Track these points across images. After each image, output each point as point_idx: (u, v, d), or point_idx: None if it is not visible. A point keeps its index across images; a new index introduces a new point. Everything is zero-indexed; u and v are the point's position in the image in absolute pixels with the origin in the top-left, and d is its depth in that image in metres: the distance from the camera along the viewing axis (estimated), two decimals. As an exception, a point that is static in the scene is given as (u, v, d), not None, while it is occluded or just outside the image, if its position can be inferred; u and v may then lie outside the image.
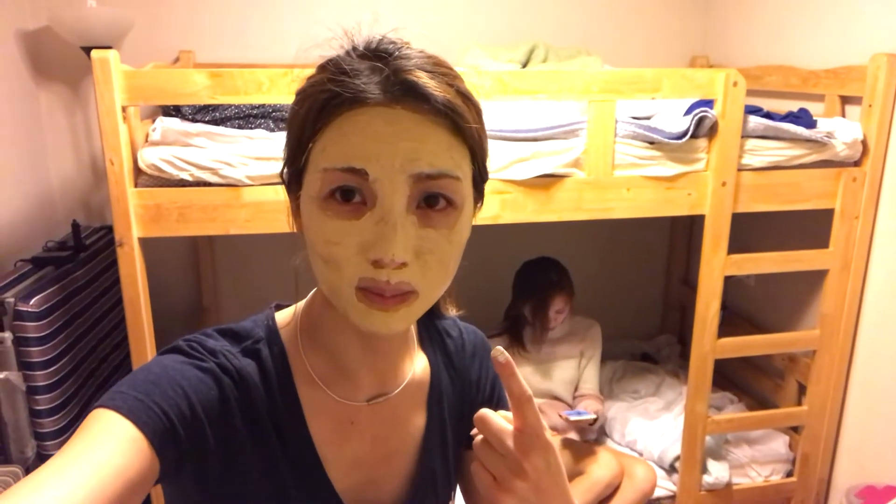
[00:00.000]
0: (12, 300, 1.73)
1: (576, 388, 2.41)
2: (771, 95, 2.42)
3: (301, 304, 0.77)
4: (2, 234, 2.10)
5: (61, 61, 2.42)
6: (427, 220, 0.61)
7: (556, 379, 2.36)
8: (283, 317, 0.76)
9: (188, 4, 2.49)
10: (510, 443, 0.60)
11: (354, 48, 0.63)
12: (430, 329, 0.84)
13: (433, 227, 0.61)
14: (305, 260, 0.67)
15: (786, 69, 2.32)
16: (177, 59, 2.48)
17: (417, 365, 0.81)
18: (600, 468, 2.09)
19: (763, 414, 2.28)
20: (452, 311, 0.87)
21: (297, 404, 0.71)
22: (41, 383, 1.78)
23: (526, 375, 2.27)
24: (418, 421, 0.80)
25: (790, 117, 2.00)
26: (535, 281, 2.30)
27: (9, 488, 0.50)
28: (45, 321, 1.77)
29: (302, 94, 0.64)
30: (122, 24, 2.26)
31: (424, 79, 0.60)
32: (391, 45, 0.63)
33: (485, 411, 0.63)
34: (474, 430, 0.64)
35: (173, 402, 0.62)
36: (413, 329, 0.82)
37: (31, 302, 1.74)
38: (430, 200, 0.61)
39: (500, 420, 0.62)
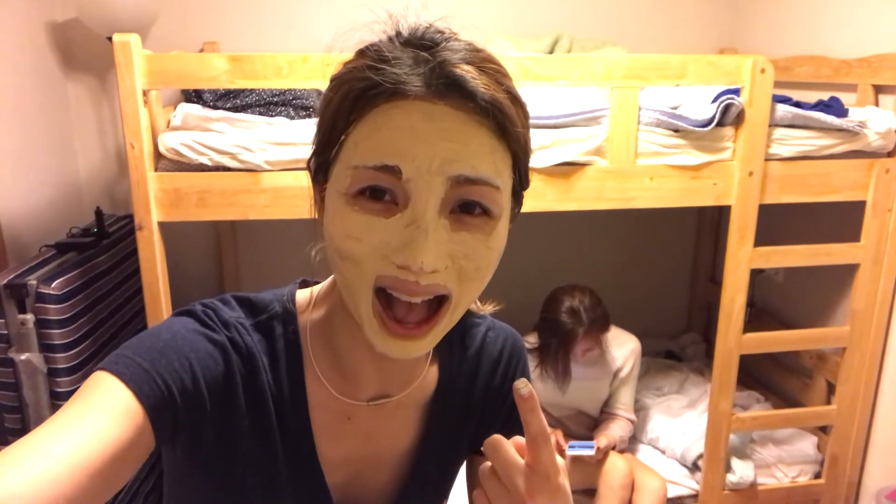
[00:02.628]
0: (35, 283, 1.75)
1: (605, 404, 2.27)
2: (801, 87, 2.36)
3: (318, 289, 0.73)
4: (28, 220, 2.14)
5: (88, 52, 2.46)
6: (461, 224, 0.57)
7: (583, 397, 2.22)
8: (302, 296, 0.73)
9: (213, -4, 2.51)
10: (519, 480, 0.55)
11: (398, 34, 0.59)
12: (453, 330, 0.80)
13: (467, 232, 0.57)
14: (322, 252, 0.64)
15: (817, 59, 2.27)
16: (201, 50, 2.50)
17: (429, 370, 0.77)
18: (614, 472, 2.05)
19: (790, 412, 2.22)
20: (487, 308, 0.82)
21: (302, 392, 0.69)
22: (62, 366, 1.80)
23: (550, 392, 2.17)
24: (417, 426, 0.77)
25: (820, 106, 1.95)
26: (560, 325, 2.06)
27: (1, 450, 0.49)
28: (66, 304, 1.78)
29: (337, 80, 0.59)
30: (148, 14, 2.28)
31: (472, 74, 0.55)
32: (438, 35, 0.58)
33: (497, 438, 0.57)
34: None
35: (177, 375, 0.60)
36: None
37: (53, 285, 1.76)
38: (466, 207, 0.57)
39: (513, 452, 0.57)
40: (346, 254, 0.57)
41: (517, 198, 0.64)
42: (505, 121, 0.56)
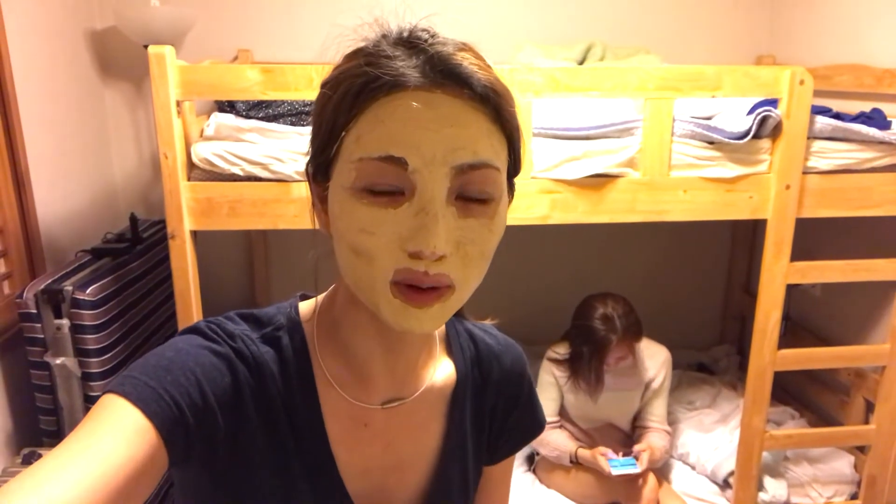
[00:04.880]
0: (70, 289, 1.79)
1: (636, 418, 2.22)
2: (842, 96, 2.30)
3: (321, 297, 0.73)
4: (65, 225, 2.18)
5: (126, 60, 2.50)
6: (466, 211, 0.59)
7: (613, 408, 2.17)
8: (305, 308, 0.73)
9: (248, 4, 2.54)
10: None
11: (385, 36, 0.61)
12: (461, 334, 0.80)
13: (473, 218, 0.59)
14: (326, 254, 0.65)
15: (858, 68, 2.20)
16: (235, 58, 2.53)
17: (441, 371, 0.76)
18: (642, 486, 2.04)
19: (825, 431, 2.17)
20: (488, 320, 0.83)
21: (315, 400, 0.69)
22: (95, 370, 1.83)
23: (582, 403, 2.15)
24: (436, 429, 0.76)
25: (861, 118, 1.89)
26: (593, 332, 2.02)
27: (12, 479, 0.49)
28: (100, 310, 1.82)
29: (334, 81, 0.60)
30: (183, 22, 2.32)
31: (468, 60, 0.58)
32: (424, 33, 0.60)
33: None
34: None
35: (184, 390, 0.60)
36: (437, 334, 0.78)
37: (88, 291, 1.79)
38: (469, 191, 0.59)
39: None
40: (361, 249, 0.57)
41: (510, 183, 0.65)
42: (501, 103, 0.58)
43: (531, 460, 2.31)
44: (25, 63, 1.98)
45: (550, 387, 2.16)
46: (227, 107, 1.96)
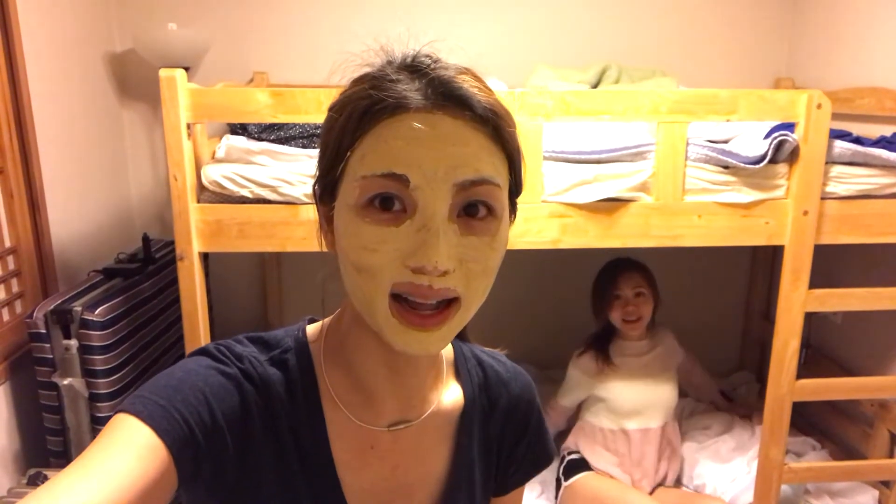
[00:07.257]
0: (79, 309, 1.79)
1: (679, 424, 2.17)
2: (863, 120, 2.26)
3: (328, 320, 0.74)
4: (79, 245, 2.20)
5: (143, 82, 2.53)
6: (468, 228, 0.60)
7: (652, 402, 2.10)
8: (313, 330, 0.75)
9: (264, 27, 2.56)
10: None
11: (390, 62, 0.63)
12: (469, 359, 0.80)
13: (475, 235, 0.60)
14: (334, 275, 0.65)
15: (880, 91, 2.16)
16: (251, 80, 2.55)
17: (449, 395, 0.76)
18: None
19: (848, 465, 2.09)
20: (498, 349, 0.84)
21: (321, 421, 0.70)
22: (103, 391, 1.83)
23: (618, 397, 2.08)
24: (443, 453, 0.76)
25: (882, 142, 1.85)
26: (603, 271, 2.20)
27: (26, 496, 0.50)
28: (108, 331, 1.82)
29: (340, 104, 0.63)
30: (199, 45, 2.35)
31: (468, 83, 0.60)
32: (427, 59, 0.63)
33: None
34: None
35: (194, 409, 0.61)
36: (445, 357, 0.78)
37: (97, 311, 1.79)
38: (471, 209, 0.60)
39: None
40: (363, 265, 0.59)
41: (512, 203, 0.66)
42: (500, 124, 0.60)
43: (558, 487, 2.23)
44: (43, 84, 2.01)
45: (576, 386, 2.17)
46: (240, 129, 1.97)
